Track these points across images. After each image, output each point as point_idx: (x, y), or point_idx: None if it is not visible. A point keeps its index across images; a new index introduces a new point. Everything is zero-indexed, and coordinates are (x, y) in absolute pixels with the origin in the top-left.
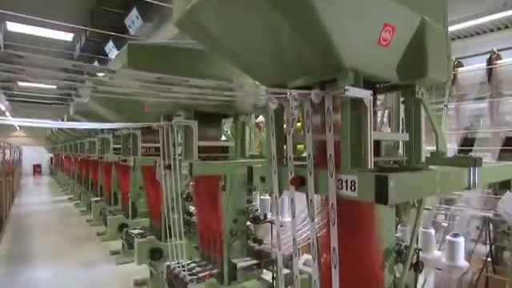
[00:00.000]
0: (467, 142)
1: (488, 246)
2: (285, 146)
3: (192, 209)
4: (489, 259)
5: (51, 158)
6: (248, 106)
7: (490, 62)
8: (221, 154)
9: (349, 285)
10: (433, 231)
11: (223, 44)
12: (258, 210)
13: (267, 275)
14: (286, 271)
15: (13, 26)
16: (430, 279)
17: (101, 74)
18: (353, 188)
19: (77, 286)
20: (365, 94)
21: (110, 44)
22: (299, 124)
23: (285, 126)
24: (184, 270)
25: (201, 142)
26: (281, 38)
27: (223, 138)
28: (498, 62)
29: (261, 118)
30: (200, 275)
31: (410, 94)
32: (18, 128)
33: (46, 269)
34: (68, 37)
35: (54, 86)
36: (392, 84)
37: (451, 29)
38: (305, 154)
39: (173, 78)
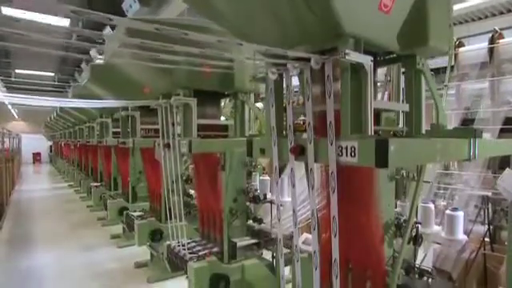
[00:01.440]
0: (467, 123)
1: (486, 225)
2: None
3: (192, 192)
4: (487, 239)
5: (50, 146)
6: (247, 79)
7: (492, 40)
8: (220, 133)
9: (348, 256)
10: (432, 206)
11: (222, 12)
12: (257, 190)
13: (267, 255)
14: (285, 250)
15: (6, 11)
16: (429, 254)
17: (100, 57)
18: (353, 154)
19: (78, 270)
20: (365, 59)
21: (108, 29)
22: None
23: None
24: (184, 249)
25: (200, 120)
26: (281, 4)
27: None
28: (501, 40)
29: (260, 105)
30: (200, 253)
31: (410, 64)
32: (16, 116)
33: (47, 253)
34: (65, 22)
35: (52, 73)
36: (393, 56)
37: (453, 13)
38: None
39: (172, 30)
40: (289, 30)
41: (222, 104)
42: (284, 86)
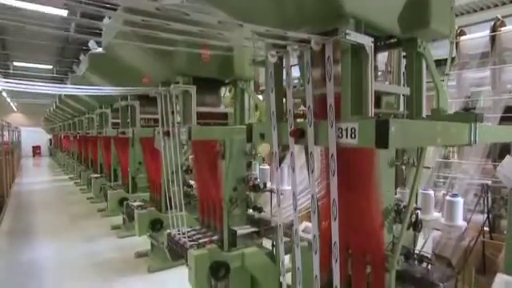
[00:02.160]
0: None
1: (486, 214)
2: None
3: (192, 182)
4: (486, 228)
5: (50, 140)
6: (247, 66)
7: (494, 28)
8: (220, 121)
9: (348, 241)
10: (432, 193)
11: None
12: (257, 179)
13: (267, 244)
14: (284, 239)
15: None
16: (429, 241)
17: (99, 49)
18: (353, 135)
19: (79, 260)
20: (366, 40)
21: (107, 19)
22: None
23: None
24: (184, 237)
25: (199, 108)
26: None
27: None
28: (503, 28)
29: (261, 97)
30: (200, 241)
31: (411, 48)
32: (15, 109)
33: (48, 244)
34: (63, 13)
35: (50, 66)
36: (393, 41)
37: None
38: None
39: (172, 10)
40: (289, 12)
41: (222, 94)
42: (284, 70)
